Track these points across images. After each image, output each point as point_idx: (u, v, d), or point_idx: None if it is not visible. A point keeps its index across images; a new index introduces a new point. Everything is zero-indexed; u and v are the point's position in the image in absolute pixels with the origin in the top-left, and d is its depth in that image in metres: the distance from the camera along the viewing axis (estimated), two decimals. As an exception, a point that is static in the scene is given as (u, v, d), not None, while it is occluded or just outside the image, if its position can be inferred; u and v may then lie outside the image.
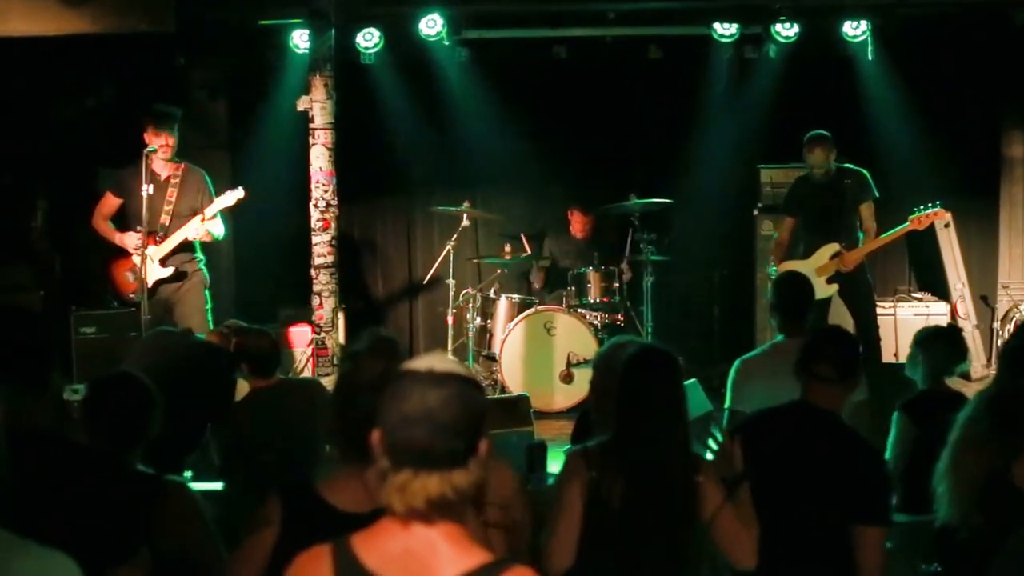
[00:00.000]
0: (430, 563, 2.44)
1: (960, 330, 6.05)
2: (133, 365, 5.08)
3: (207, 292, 8.81)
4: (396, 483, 2.41)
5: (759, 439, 4.36)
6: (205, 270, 8.87)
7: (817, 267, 8.98)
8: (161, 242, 8.58)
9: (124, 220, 8.77)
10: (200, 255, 8.85)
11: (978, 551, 4.28)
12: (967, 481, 4.28)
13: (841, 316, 9.57)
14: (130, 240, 8.61)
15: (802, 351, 4.49)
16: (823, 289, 8.90)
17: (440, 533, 2.45)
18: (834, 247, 9.01)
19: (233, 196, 8.78)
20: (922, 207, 9.12)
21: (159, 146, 8.45)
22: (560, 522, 4.02)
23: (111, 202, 8.80)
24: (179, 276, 8.68)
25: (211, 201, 8.73)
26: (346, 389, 3.34)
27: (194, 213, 8.68)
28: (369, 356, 3.41)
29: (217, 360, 6.80)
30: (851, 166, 9.15)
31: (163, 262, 8.61)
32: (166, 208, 8.60)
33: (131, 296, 8.73)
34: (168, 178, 8.64)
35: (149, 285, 8.50)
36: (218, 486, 6.19)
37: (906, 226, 9.15)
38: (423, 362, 2.50)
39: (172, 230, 8.62)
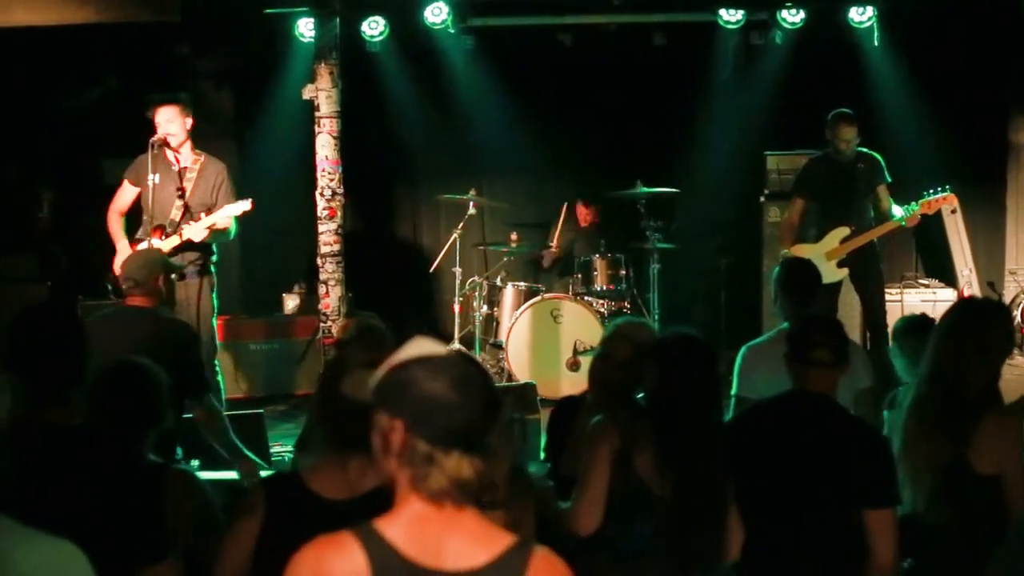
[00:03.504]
0: (463, 547, 2.47)
1: (932, 321, 6.00)
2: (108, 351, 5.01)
3: (214, 295, 8.13)
4: (448, 464, 2.43)
5: (759, 431, 4.37)
6: (215, 271, 8.21)
7: (827, 251, 8.95)
8: (167, 238, 7.95)
9: (138, 211, 8.19)
10: (215, 255, 8.19)
11: (949, 543, 4.31)
12: (924, 471, 4.31)
13: (850, 301, 9.56)
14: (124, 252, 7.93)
15: (792, 341, 4.48)
16: (833, 273, 8.87)
17: (469, 517, 2.48)
18: (844, 231, 8.97)
19: (240, 207, 8.10)
20: (931, 191, 9.09)
21: (165, 121, 7.92)
22: (589, 485, 4.08)
23: (128, 192, 8.20)
24: (182, 276, 7.87)
25: (227, 198, 8.12)
26: (333, 377, 3.35)
27: (207, 209, 8.07)
28: (356, 345, 3.43)
29: (183, 331, 6.61)
30: (864, 150, 9.11)
31: None
32: (177, 203, 7.99)
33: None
34: (184, 169, 8.04)
35: None
36: (231, 475, 6.16)
37: (916, 210, 9.12)
38: (430, 348, 2.51)
39: (183, 226, 8.00)
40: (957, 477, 4.26)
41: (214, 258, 8.17)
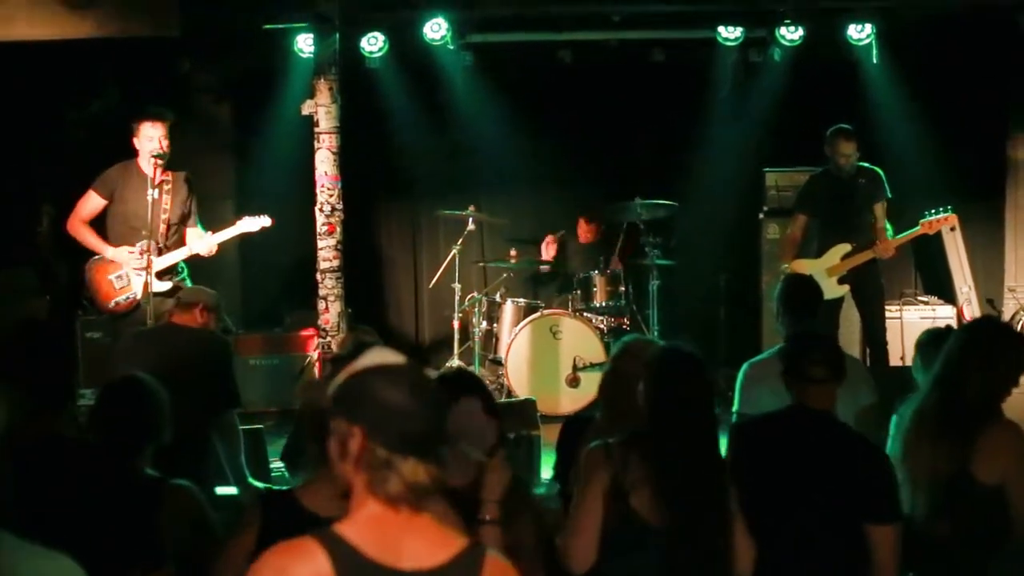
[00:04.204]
0: (421, 548, 2.55)
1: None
2: (135, 366, 5.05)
3: None
4: (406, 469, 2.52)
5: (759, 446, 4.35)
6: (189, 281, 8.38)
7: (828, 267, 8.96)
8: (161, 253, 8.11)
9: (103, 224, 8.35)
10: (182, 264, 8.40)
11: (950, 554, 4.30)
12: (925, 480, 4.31)
13: (850, 317, 9.55)
14: (126, 257, 8.15)
15: (788, 358, 4.49)
16: (834, 289, 8.88)
17: (426, 519, 2.57)
18: (845, 247, 8.99)
19: (258, 223, 8.53)
20: (933, 211, 9.11)
21: (158, 138, 8.05)
22: (581, 520, 3.99)
23: (93, 203, 8.29)
24: (171, 290, 8.06)
25: (195, 209, 8.38)
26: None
27: (183, 221, 8.32)
28: (351, 361, 3.43)
29: (218, 345, 6.75)
30: (866, 165, 9.13)
31: (160, 276, 8.08)
32: (163, 216, 8.16)
33: (110, 306, 8.25)
34: (161, 183, 8.14)
35: (139, 297, 8.08)
36: (230, 490, 6.18)
37: (917, 230, 9.13)
38: (387, 357, 2.62)
39: (169, 239, 8.23)
40: (959, 487, 4.26)
41: (182, 270, 8.30)
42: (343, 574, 2.49)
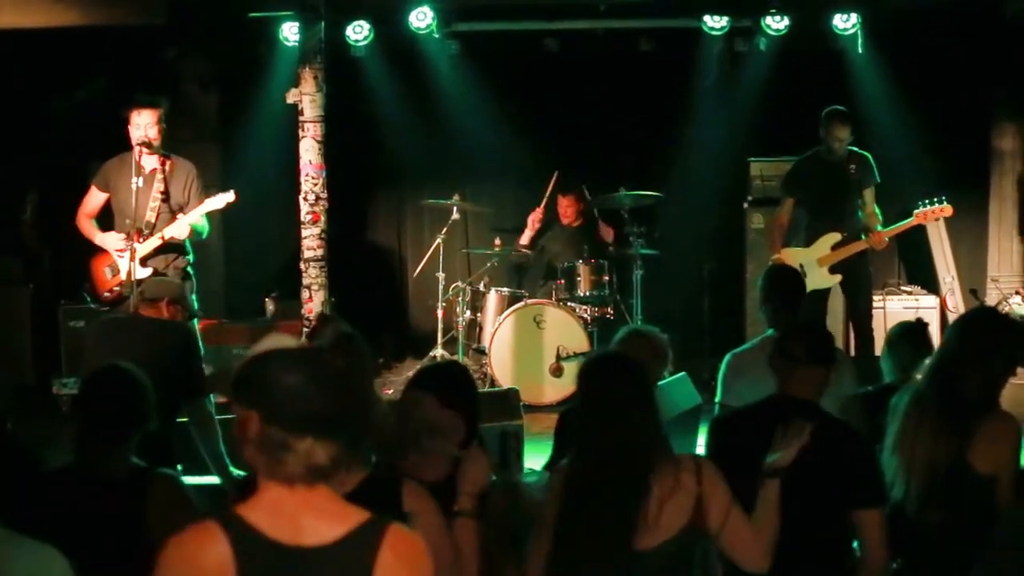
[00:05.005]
0: (319, 523, 2.59)
1: (926, 325, 5.99)
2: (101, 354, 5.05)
3: (194, 297, 7.96)
4: (302, 449, 2.55)
5: (742, 436, 4.36)
6: (192, 271, 8.31)
7: (819, 256, 8.95)
8: (145, 240, 8.01)
9: (109, 216, 8.34)
10: (189, 255, 8.33)
11: (941, 542, 4.32)
12: (920, 468, 4.32)
13: (835, 308, 9.57)
14: (111, 240, 8.16)
15: (777, 340, 4.55)
16: (825, 279, 8.89)
17: (323, 495, 2.61)
18: (835, 236, 8.97)
19: (223, 199, 8.33)
20: (927, 201, 9.09)
21: (145, 125, 7.95)
22: (536, 540, 3.91)
23: (95, 197, 8.31)
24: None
25: (198, 197, 8.26)
26: None
27: (180, 209, 8.22)
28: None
29: (180, 334, 6.74)
30: (855, 149, 9.12)
31: (143, 261, 7.97)
32: (152, 204, 8.06)
33: (106, 295, 8.25)
34: (154, 171, 8.09)
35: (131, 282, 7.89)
36: (214, 480, 6.18)
37: (911, 220, 9.11)
38: (284, 341, 2.66)
39: (159, 227, 8.10)
40: (956, 476, 4.28)
41: (190, 257, 8.28)
42: (243, 556, 2.53)
